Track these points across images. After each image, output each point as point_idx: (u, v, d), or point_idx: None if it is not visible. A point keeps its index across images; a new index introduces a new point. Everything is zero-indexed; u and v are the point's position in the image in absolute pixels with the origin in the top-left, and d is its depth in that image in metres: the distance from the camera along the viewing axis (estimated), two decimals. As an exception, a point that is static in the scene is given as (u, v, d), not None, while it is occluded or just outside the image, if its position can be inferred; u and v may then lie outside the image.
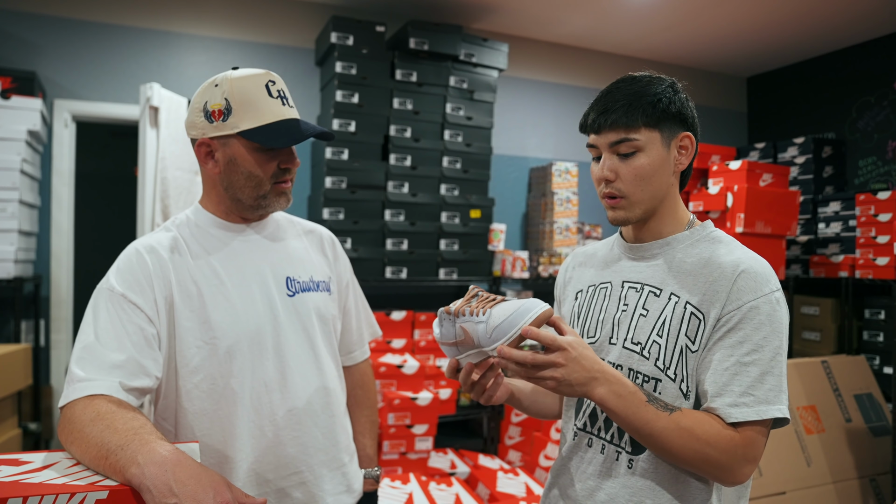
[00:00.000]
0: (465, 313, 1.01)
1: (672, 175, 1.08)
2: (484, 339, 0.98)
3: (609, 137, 1.05)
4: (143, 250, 1.16)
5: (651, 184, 1.05)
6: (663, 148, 1.05)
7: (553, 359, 0.93)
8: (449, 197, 3.49)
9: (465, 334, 1.01)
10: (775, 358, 0.96)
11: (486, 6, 3.72)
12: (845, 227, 3.85)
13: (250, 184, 1.18)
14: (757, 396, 0.94)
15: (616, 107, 1.03)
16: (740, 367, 0.96)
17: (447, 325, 1.04)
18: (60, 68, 3.19)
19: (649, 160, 1.04)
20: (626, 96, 1.04)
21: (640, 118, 1.02)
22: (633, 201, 1.06)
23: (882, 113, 4.12)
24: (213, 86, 1.17)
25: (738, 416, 0.94)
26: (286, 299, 1.24)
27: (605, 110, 1.05)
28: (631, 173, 1.04)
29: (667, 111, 1.04)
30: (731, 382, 0.95)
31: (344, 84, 3.27)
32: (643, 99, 1.03)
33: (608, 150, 1.06)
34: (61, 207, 3.20)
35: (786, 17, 3.83)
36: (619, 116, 1.03)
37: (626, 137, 1.03)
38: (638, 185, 1.05)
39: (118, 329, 1.07)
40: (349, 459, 1.33)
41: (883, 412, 3.04)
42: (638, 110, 1.02)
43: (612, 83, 1.09)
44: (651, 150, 1.04)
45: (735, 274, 0.99)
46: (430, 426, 3.11)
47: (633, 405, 0.94)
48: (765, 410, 0.94)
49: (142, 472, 0.83)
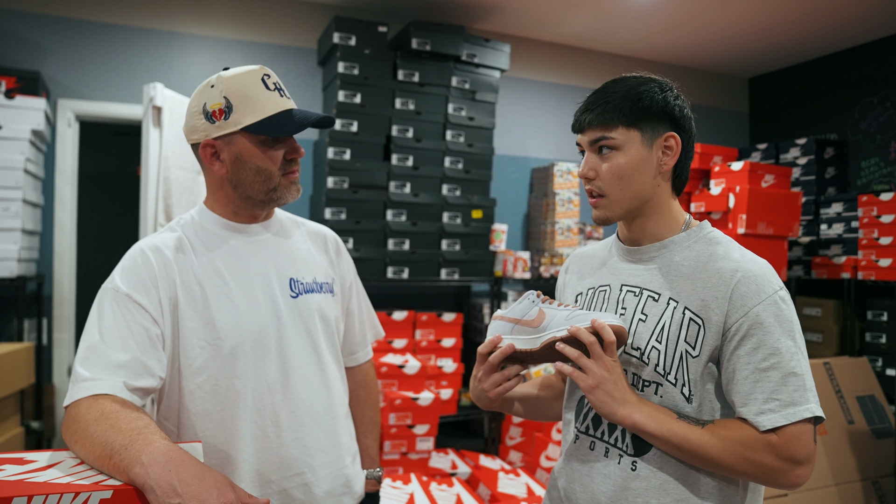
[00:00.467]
0: (551, 302, 1.09)
1: (657, 175, 1.07)
2: (558, 321, 1.04)
3: (589, 136, 1.07)
4: (148, 250, 1.17)
5: (631, 183, 1.05)
6: (643, 147, 1.05)
7: (607, 362, 0.98)
8: (451, 197, 3.49)
9: (539, 315, 1.06)
10: (794, 357, 0.96)
11: (488, 7, 3.72)
12: (847, 228, 3.85)
13: (259, 178, 1.19)
14: (782, 400, 0.94)
15: (595, 106, 1.06)
16: (760, 374, 0.95)
17: (526, 303, 1.10)
18: (64, 68, 3.19)
19: (627, 159, 1.05)
20: (608, 96, 1.05)
21: (617, 117, 1.04)
22: (612, 200, 1.07)
23: (885, 114, 4.11)
24: (209, 87, 1.18)
25: (767, 424, 0.94)
26: (289, 300, 1.25)
27: (585, 109, 1.08)
28: (608, 172, 1.06)
29: (647, 110, 1.04)
30: (753, 391, 0.96)
31: (346, 84, 3.27)
32: (624, 99, 1.04)
33: (589, 148, 1.08)
34: (64, 206, 3.21)
35: (788, 17, 3.83)
36: (597, 115, 1.05)
37: (602, 136, 1.05)
38: (616, 184, 1.06)
39: (123, 329, 1.07)
40: (351, 460, 1.33)
41: (886, 414, 3.04)
42: (615, 110, 1.04)
43: (603, 84, 1.10)
44: (629, 149, 1.05)
45: (734, 279, 0.99)
46: (432, 426, 3.11)
47: (667, 422, 0.97)
48: (792, 413, 0.93)
49: (146, 471, 0.83)
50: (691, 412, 1.01)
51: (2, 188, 2.69)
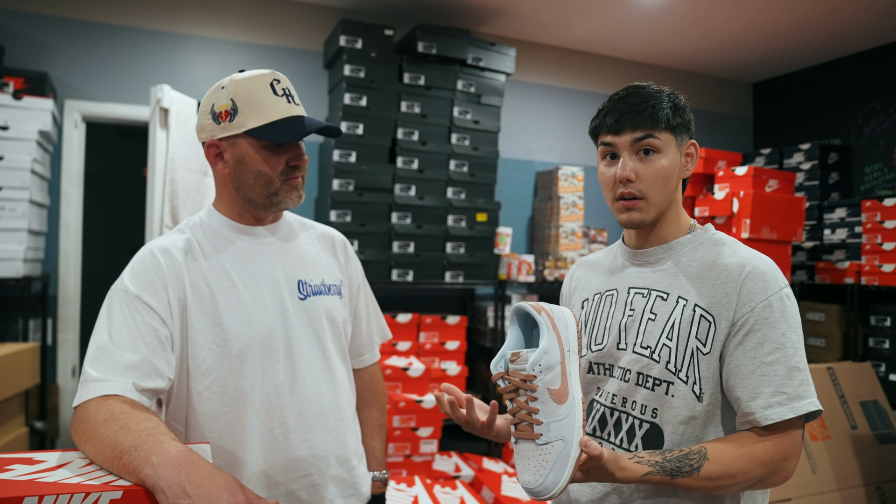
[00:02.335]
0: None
1: (679, 180, 1.11)
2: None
3: (633, 135, 1.06)
4: (157, 252, 1.17)
5: (668, 186, 1.07)
6: (677, 152, 1.08)
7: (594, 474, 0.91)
8: (455, 200, 3.50)
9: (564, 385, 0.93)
10: (797, 353, 0.98)
11: (494, 11, 3.73)
12: (851, 233, 3.84)
13: (260, 182, 1.19)
14: (788, 394, 0.95)
15: (641, 108, 1.05)
16: (766, 368, 0.97)
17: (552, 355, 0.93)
18: (71, 69, 3.21)
19: (669, 162, 1.06)
20: (646, 99, 1.06)
21: (662, 120, 1.05)
22: (651, 203, 1.07)
23: (888, 119, 4.11)
24: (219, 88, 1.19)
25: (774, 417, 0.95)
26: (297, 302, 1.25)
27: (628, 111, 1.06)
28: (652, 174, 1.06)
29: (681, 117, 1.08)
30: (760, 385, 0.96)
31: (352, 87, 3.28)
32: (661, 103, 1.06)
33: (629, 149, 1.07)
34: (70, 207, 3.22)
35: (792, 23, 3.83)
36: (646, 118, 1.05)
37: (650, 134, 1.05)
38: (657, 187, 1.06)
39: (132, 330, 1.08)
40: (358, 462, 1.33)
41: (889, 419, 3.03)
42: (661, 111, 1.05)
43: (623, 90, 1.10)
44: (669, 152, 1.07)
45: (742, 275, 1.00)
46: (435, 429, 3.11)
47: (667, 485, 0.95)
48: (799, 406, 0.95)
49: (155, 472, 0.83)
50: (701, 411, 1.01)
51: (8, 188, 2.70)
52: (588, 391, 1.15)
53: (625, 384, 1.08)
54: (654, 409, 1.04)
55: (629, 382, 1.07)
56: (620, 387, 1.09)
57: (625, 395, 1.08)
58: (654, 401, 1.04)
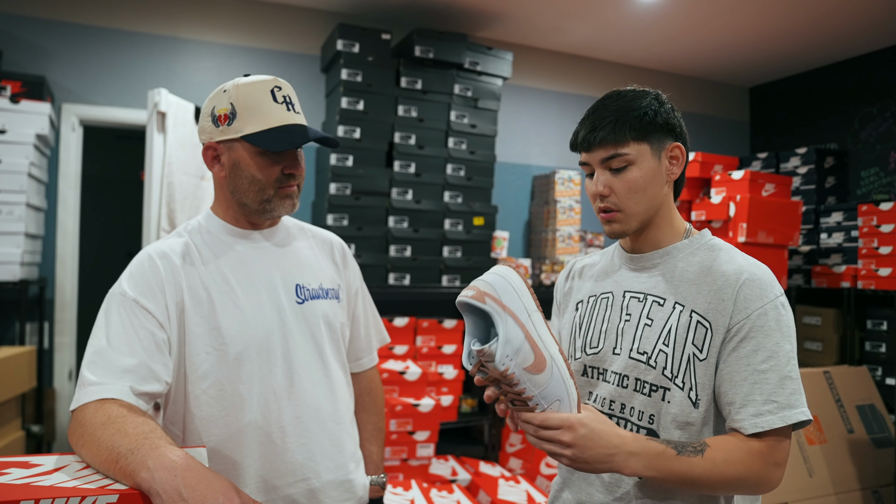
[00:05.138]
0: None
1: (665, 185, 1.10)
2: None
3: (600, 154, 1.07)
4: (155, 256, 1.18)
5: (645, 195, 1.07)
6: (654, 159, 1.07)
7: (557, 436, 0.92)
8: (452, 204, 3.50)
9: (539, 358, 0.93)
10: (790, 362, 0.98)
11: (491, 15, 3.74)
12: (847, 237, 3.86)
13: (253, 188, 1.19)
14: (780, 402, 0.96)
15: (603, 124, 1.06)
16: (759, 376, 0.97)
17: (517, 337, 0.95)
18: (69, 73, 3.21)
19: (641, 173, 1.06)
20: (613, 112, 1.06)
21: (628, 133, 1.05)
22: (628, 214, 1.08)
23: (885, 124, 4.13)
24: (222, 91, 1.20)
25: (763, 426, 0.95)
26: (295, 306, 1.25)
27: (593, 128, 1.07)
28: (624, 187, 1.06)
29: (653, 123, 1.06)
30: (752, 392, 0.97)
31: (349, 91, 3.28)
32: (629, 114, 1.05)
33: (600, 166, 1.08)
34: (67, 210, 3.22)
35: (789, 27, 3.85)
36: (608, 133, 1.05)
37: (615, 153, 1.06)
38: (632, 198, 1.07)
39: (130, 334, 1.08)
40: (355, 466, 1.33)
41: (885, 423, 3.04)
42: (625, 125, 1.05)
43: (598, 100, 1.11)
44: (642, 162, 1.06)
45: (739, 282, 1.01)
46: (432, 433, 3.11)
47: (667, 466, 0.94)
48: (789, 416, 0.95)
49: (152, 476, 0.83)
50: (697, 418, 1.02)
51: (6, 192, 2.70)
52: None
53: (622, 390, 1.08)
54: (651, 415, 1.04)
55: (627, 388, 1.07)
56: (617, 392, 1.09)
57: (623, 401, 1.08)
58: (651, 407, 1.04)
